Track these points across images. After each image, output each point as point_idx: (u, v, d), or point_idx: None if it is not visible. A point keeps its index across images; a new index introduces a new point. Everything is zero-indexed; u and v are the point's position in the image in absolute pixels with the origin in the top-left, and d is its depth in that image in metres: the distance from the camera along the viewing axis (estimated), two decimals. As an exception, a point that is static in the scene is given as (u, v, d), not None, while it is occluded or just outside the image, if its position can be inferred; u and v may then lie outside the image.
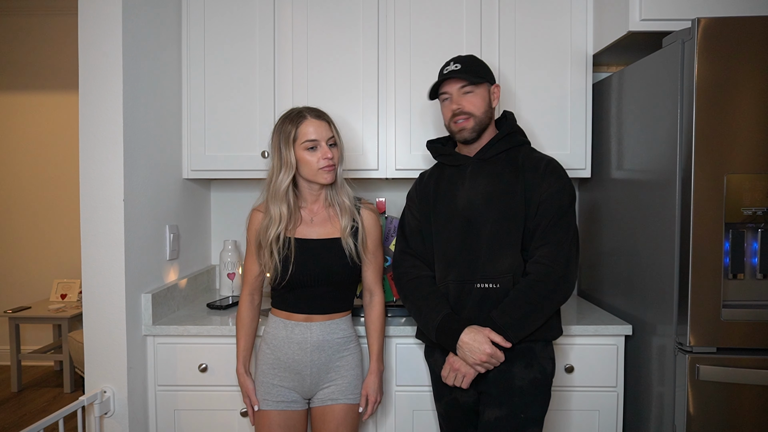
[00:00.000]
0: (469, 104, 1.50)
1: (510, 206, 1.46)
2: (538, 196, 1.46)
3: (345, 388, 1.53)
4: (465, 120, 1.51)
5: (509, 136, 1.55)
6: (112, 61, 1.62)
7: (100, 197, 1.63)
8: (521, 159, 1.52)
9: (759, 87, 1.39)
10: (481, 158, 1.54)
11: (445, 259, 1.51)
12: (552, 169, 1.49)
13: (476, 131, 1.52)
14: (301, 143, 1.48)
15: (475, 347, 1.39)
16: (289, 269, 1.49)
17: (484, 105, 1.52)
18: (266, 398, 1.53)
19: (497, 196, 1.48)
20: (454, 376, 1.44)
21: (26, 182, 3.98)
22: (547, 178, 1.47)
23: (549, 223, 1.44)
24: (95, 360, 1.66)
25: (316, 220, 1.56)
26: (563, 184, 1.48)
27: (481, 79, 1.51)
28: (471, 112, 1.50)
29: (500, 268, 1.44)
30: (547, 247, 1.43)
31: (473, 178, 1.52)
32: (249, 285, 1.62)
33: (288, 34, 2.01)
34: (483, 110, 1.52)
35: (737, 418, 1.43)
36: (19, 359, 3.53)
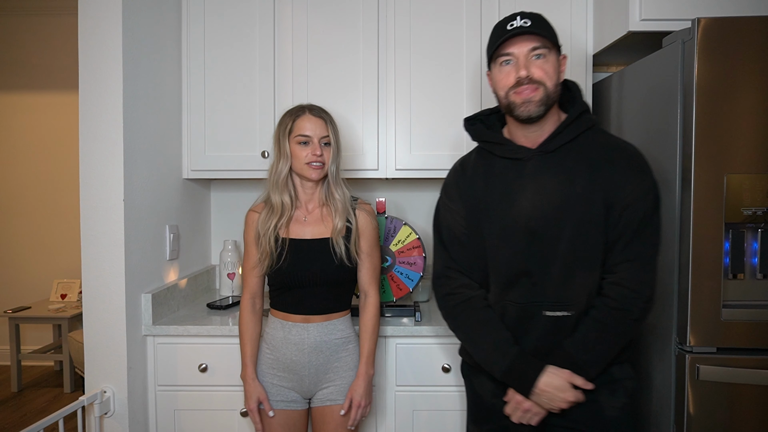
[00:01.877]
0: (540, 71, 1.19)
1: (588, 215, 1.19)
2: (622, 201, 1.18)
3: (343, 389, 1.53)
4: (533, 90, 1.19)
5: (578, 120, 1.23)
6: (112, 61, 1.62)
7: (100, 197, 1.63)
8: (595, 149, 1.22)
9: (759, 87, 1.39)
10: (546, 150, 1.23)
11: (504, 279, 1.25)
12: (636, 165, 1.21)
13: (544, 106, 1.21)
14: (294, 136, 1.51)
15: (556, 395, 1.18)
16: (283, 267, 1.50)
17: (555, 76, 1.22)
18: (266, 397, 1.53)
19: (572, 202, 1.19)
20: (521, 415, 1.24)
21: (26, 182, 3.98)
22: (631, 177, 1.19)
23: (632, 233, 1.18)
24: (95, 360, 1.66)
25: (309, 219, 1.56)
26: (649, 184, 1.20)
27: (556, 41, 1.22)
28: (541, 80, 1.19)
29: (575, 292, 1.21)
30: (629, 264, 1.19)
31: (537, 178, 1.22)
32: (249, 290, 1.59)
33: (288, 33, 2.01)
34: (555, 81, 1.21)
35: (737, 418, 1.43)
36: (19, 359, 3.52)
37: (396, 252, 1.91)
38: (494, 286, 1.28)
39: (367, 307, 1.59)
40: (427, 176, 2.04)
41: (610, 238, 1.20)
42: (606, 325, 1.19)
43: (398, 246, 1.92)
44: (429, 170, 2.01)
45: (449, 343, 1.73)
